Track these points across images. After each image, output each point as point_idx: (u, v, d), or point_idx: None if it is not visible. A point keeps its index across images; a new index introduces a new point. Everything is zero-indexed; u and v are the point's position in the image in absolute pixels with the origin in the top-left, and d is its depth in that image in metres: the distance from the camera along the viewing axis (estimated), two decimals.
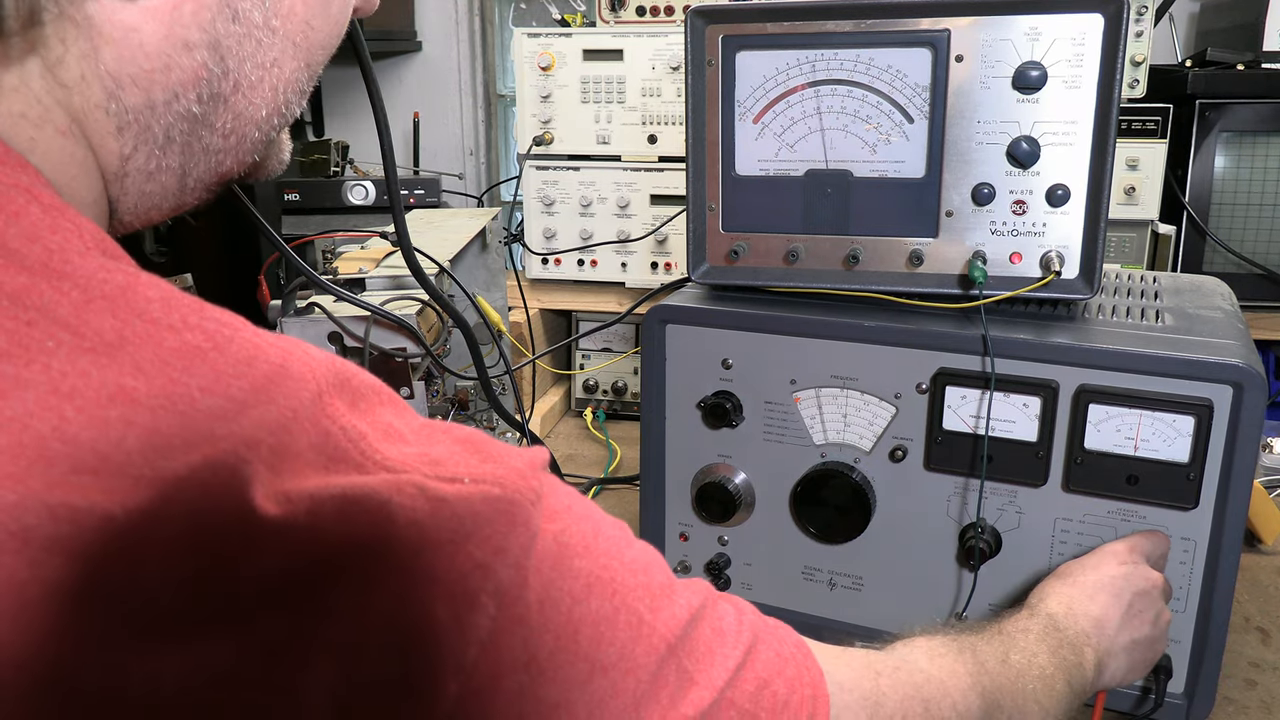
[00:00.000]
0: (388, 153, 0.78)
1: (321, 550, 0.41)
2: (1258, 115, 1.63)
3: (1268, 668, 1.06)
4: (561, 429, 1.83)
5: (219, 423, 0.39)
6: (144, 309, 0.41)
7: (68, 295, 0.40)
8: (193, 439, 0.38)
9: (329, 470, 0.42)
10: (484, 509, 0.45)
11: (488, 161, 2.50)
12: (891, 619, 1.06)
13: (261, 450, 0.39)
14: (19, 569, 0.35)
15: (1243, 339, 0.93)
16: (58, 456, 0.37)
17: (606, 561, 0.53)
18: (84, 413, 0.37)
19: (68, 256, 0.41)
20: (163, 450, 0.38)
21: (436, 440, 0.48)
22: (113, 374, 0.39)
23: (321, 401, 0.43)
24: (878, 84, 0.97)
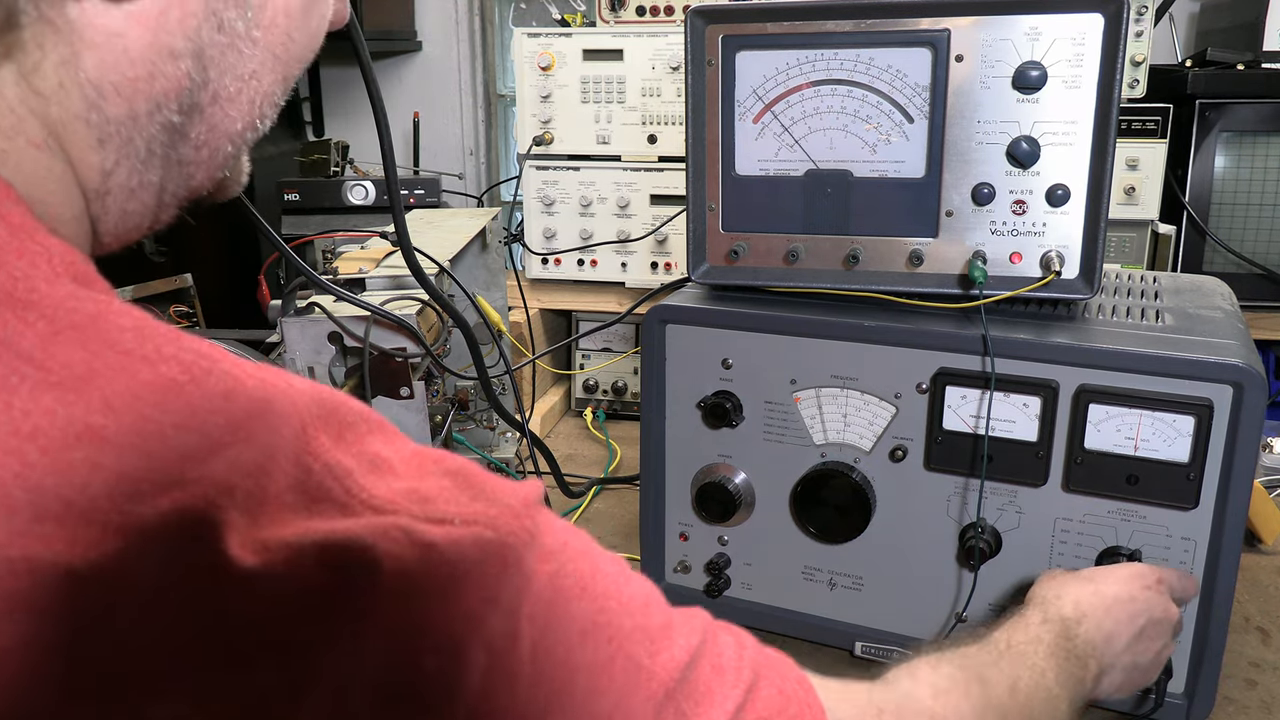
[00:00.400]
0: (388, 153, 0.78)
1: (302, 602, 0.39)
2: (1258, 115, 1.63)
3: (1268, 668, 1.06)
4: (561, 429, 1.83)
5: (191, 464, 0.37)
6: (116, 339, 0.39)
7: (33, 326, 0.38)
8: (163, 481, 0.36)
9: (311, 513, 0.40)
10: (475, 553, 0.42)
11: (488, 161, 2.50)
12: (891, 619, 1.06)
13: (237, 496, 0.37)
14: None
15: (1243, 339, 0.93)
16: (19, 505, 0.35)
17: (604, 604, 0.50)
18: (48, 455, 0.36)
19: (34, 284, 0.39)
20: (131, 494, 0.36)
21: (427, 472, 0.45)
22: (80, 411, 0.37)
23: (305, 436, 0.41)
24: (878, 84, 0.97)
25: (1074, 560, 0.96)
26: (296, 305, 0.90)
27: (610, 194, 1.80)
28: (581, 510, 1.45)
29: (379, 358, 0.87)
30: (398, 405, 0.88)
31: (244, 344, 0.97)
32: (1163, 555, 0.93)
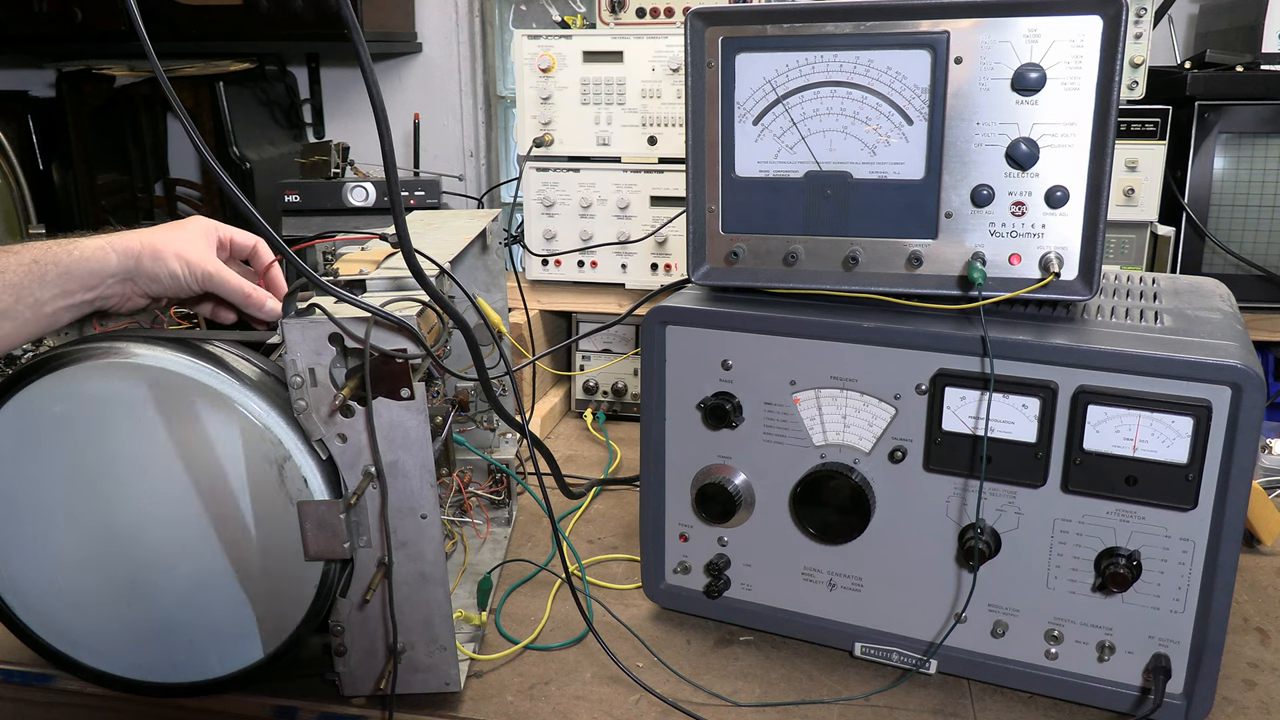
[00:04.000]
0: (388, 154, 0.78)
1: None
2: (1257, 117, 1.63)
3: (1266, 668, 1.06)
4: (561, 430, 1.83)
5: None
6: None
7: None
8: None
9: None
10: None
11: (488, 163, 2.50)
12: (891, 620, 1.06)
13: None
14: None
15: (1241, 340, 0.93)
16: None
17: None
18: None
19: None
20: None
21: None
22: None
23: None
24: (877, 86, 0.97)
25: (1073, 560, 0.96)
26: (297, 307, 0.91)
27: (610, 195, 1.81)
28: (581, 511, 1.45)
29: (379, 359, 0.87)
30: (398, 406, 0.88)
31: (244, 344, 0.97)
32: (1162, 556, 0.93)
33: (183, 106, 0.81)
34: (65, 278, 0.91)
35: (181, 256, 0.95)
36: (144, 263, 0.94)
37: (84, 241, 0.93)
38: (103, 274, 0.93)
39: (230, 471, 0.91)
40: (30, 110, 2.48)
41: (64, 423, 0.91)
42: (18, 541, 0.95)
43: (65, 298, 0.92)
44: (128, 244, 0.94)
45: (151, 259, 0.94)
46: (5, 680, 1.06)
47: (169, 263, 0.94)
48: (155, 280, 0.95)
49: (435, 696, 1.00)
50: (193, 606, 0.95)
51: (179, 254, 0.95)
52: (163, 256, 0.94)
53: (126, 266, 0.94)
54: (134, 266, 0.94)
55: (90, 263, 0.92)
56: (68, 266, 0.91)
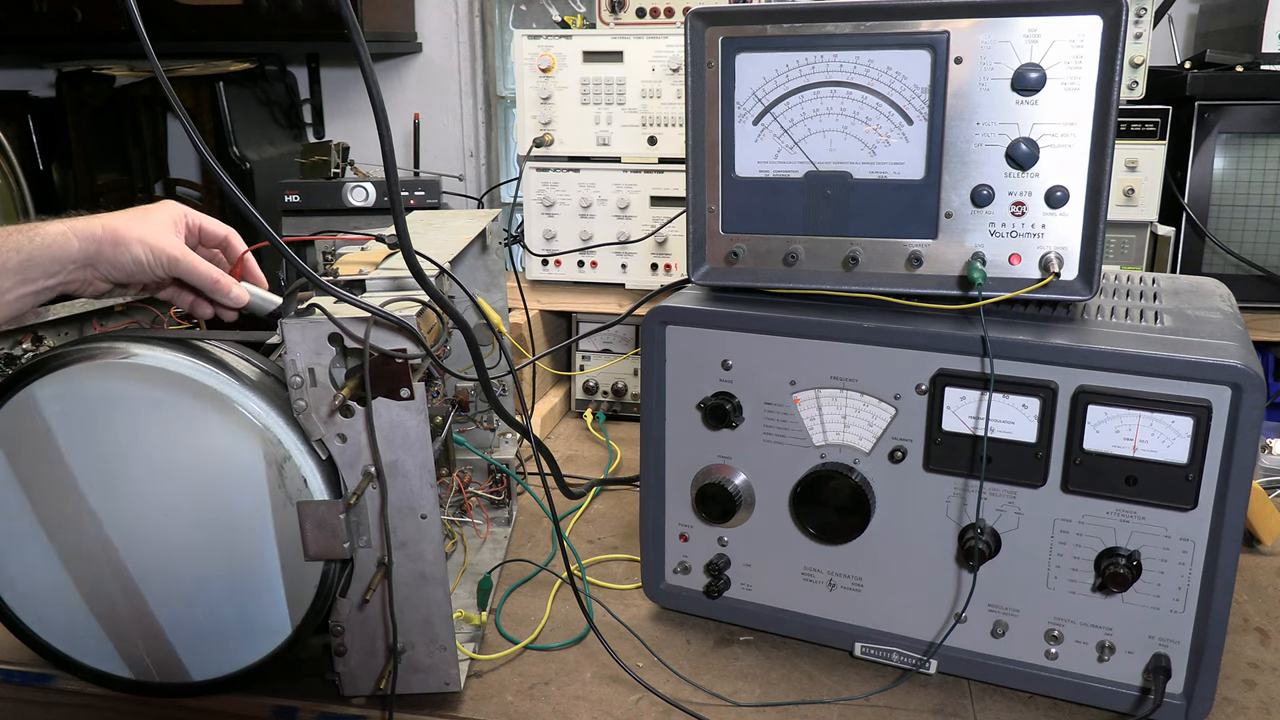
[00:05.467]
0: (388, 154, 0.78)
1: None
2: (1257, 117, 1.63)
3: (1266, 668, 1.06)
4: (562, 430, 1.83)
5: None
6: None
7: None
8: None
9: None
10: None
11: (488, 163, 2.50)
12: (891, 619, 1.06)
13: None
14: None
15: (1241, 340, 0.93)
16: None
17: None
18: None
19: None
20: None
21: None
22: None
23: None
24: (877, 86, 0.97)
25: (1073, 560, 0.96)
26: (297, 307, 0.91)
27: (610, 195, 1.81)
28: (582, 511, 1.45)
29: (379, 359, 0.87)
30: (398, 406, 0.88)
31: (244, 344, 0.97)
32: (1162, 556, 0.93)
33: (183, 106, 0.82)
34: (27, 265, 0.90)
35: (144, 242, 0.94)
36: (105, 249, 0.92)
37: (45, 227, 0.91)
38: (64, 260, 0.91)
39: (230, 471, 0.91)
40: (30, 110, 2.48)
41: (64, 423, 0.91)
42: (18, 542, 0.95)
43: (26, 284, 0.91)
44: (90, 229, 0.92)
45: (113, 245, 0.93)
46: (5, 680, 1.06)
47: (131, 248, 0.93)
48: (117, 266, 0.93)
49: (435, 696, 1.00)
50: (193, 606, 0.95)
51: (142, 239, 0.94)
52: (125, 242, 0.93)
53: (88, 252, 0.92)
54: (95, 252, 0.92)
55: (51, 249, 0.90)
56: (29, 254, 0.90)
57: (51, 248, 0.91)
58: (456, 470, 1.35)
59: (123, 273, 0.94)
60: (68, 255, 0.91)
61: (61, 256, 0.91)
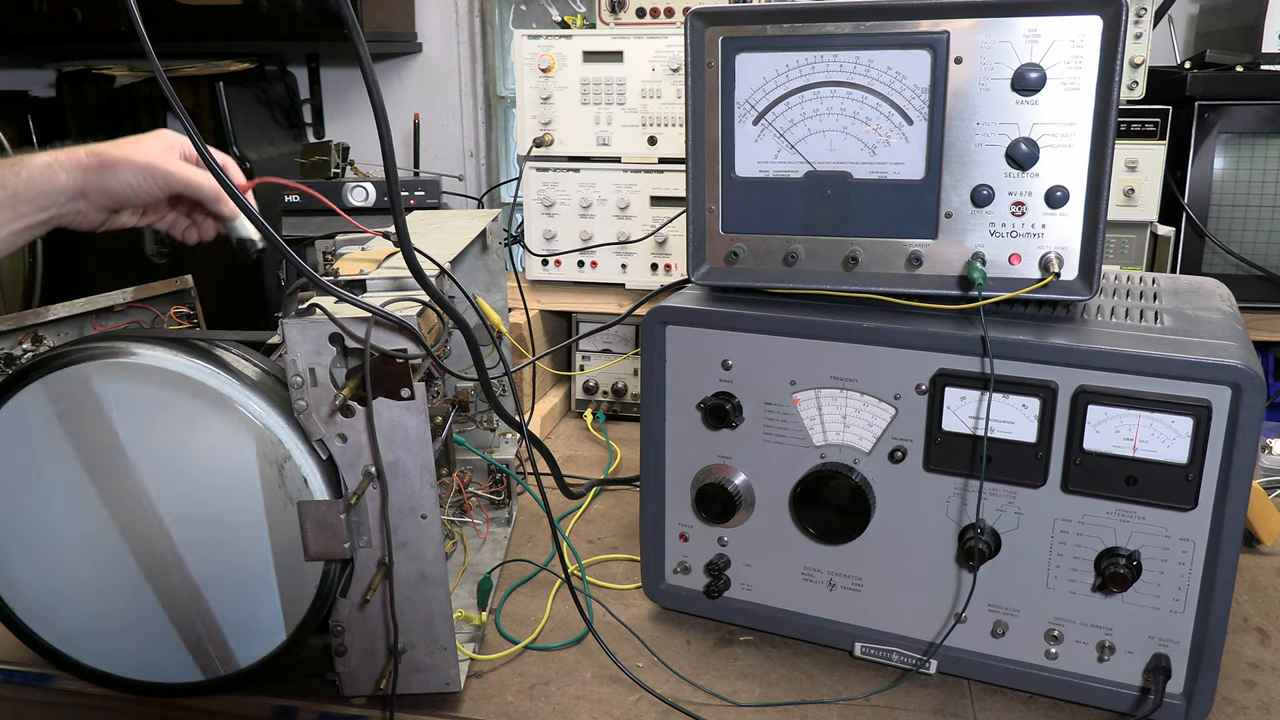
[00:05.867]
0: (388, 154, 0.78)
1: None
2: (1257, 117, 1.63)
3: (1266, 668, 1.06)
4: (562, 430, 1.83)
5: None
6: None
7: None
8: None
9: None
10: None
11: (488, 163, 2.50)
12: (891, 620, 1.06)
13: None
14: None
15: (1241, 340, 0.93)
16: None
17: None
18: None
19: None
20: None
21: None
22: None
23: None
24: (877, 86, 0.97)
25: (1073, 560, 0.96)
26: (297, 307, 0.91)
27: (610, 195, 1.81)
28: (581, 511, 1.45)
29: (379, 359, 0.87)
30: (398, 406, 0.88)
31: (244, 344, 0.97)
32: (1162, 556, 0.93)
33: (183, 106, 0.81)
34: (14, 200, 0.88)
35: (133, 163, 0.91)
36: (91, 177, 0.90)
37: (30, 160, 0.90)
38: (53, 194, 0.89)
39: (230, 471, 0.91)
40: (30, 110, 2.48)
41: (63, 423, 0.91)
42: (18, 541, 0.95)
43: (17, 220, 0.89)
44: (75, 158, 0.90)
45: (99, 171, 0.90)
46: (5, 680, 1.06)
47: (120, 172, 0.90)
48: (107, 192, 0.91)
49: (435, 696, 1.00)
50: (193, 606, 0.95)
51: (129, 160, 0.91)
52: (113, 166, 0.91)
53: (75, 183, 0.90)
54: (83, 181, 0.90)
55: (38, 183, 0.89)
56: (15, 189, 0.88)
57: (38, 181, 0.89)
58: (456, 470, 1.35)
59: (114, 199, 0.92)
60: (55, 188, 0.89)
61: (49, 190, 0.89)
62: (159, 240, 2.27)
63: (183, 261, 2.23)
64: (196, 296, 1.25)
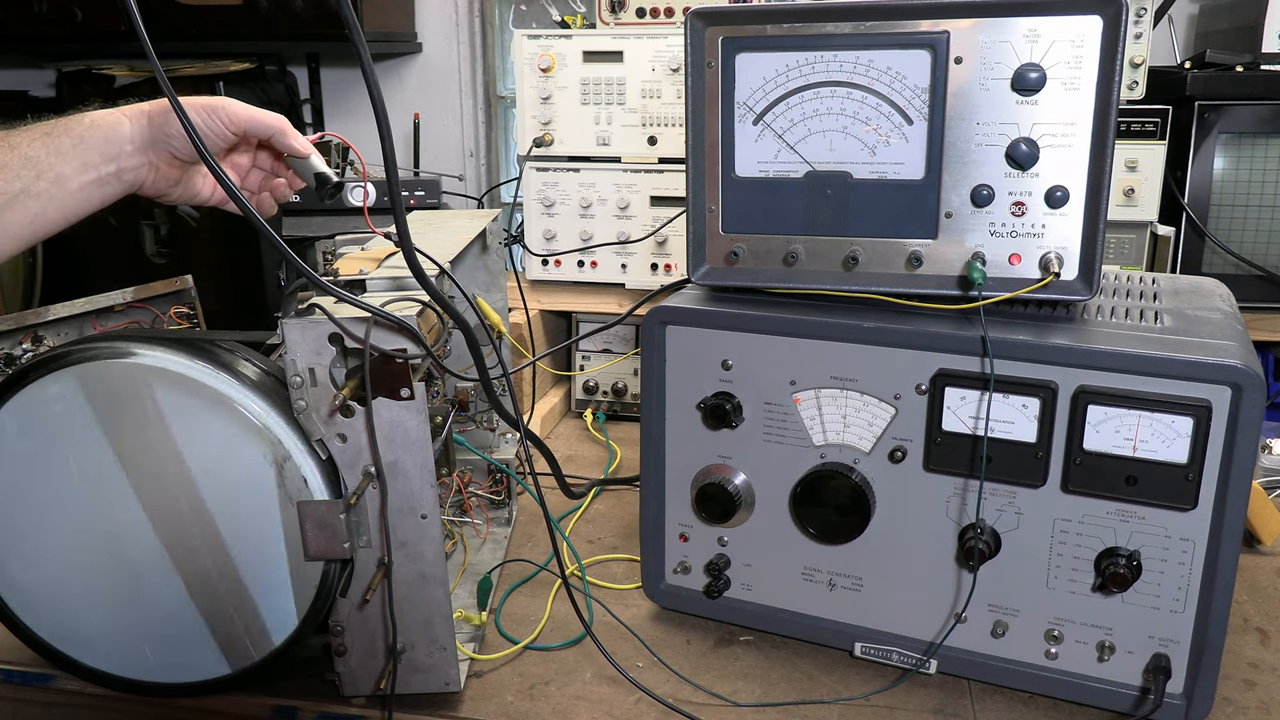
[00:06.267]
0: (388, 154, 0.78)
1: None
2: (1257, 117, 1.63)
3: (1266, 668, 1.06)
4: (561, 430, 1.83)
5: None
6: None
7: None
8: None
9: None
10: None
11: (488, 163, 2.50)
12: (891, 619, 1.06)
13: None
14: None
15: (1241, 340, 0.93)
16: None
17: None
18: None
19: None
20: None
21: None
22: None
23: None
24: (877, 86, 0.97)
25: (1073, 560, 0.96)
26: (297, 306, 0.91)
27: (610, 195, 1.81)
28: (581, 511, 1.45)
29: (379, 359, 0.87)
30: (398, 406, 0.88)
31: (244, 344, 0.97)
32: (1162, 556, 0.93)
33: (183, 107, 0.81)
34: (81, 147, 0.87)
35: (197, 105, 0.91)
36: (155, 120, 0.90)
37: (94, 113, 0.89)
38: (118, 140, 0.88)
39: (230, 471, 0.91)
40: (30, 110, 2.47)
41: (64, 423, 0.91)
42: (18, 541, 0.95)
43: (87, 170, 0.88)
44: (138, 107, 0.90)
45: (163, 115, 0.90)
46: (5, 680, 1.06)
47: (190, 114, 0.86)
48: (177, 137, 0.90)
49: (435, 696, 1.00)
50: (192, 606, 0.95)
51: (192, 102, 0.91)
52: (178, 109, 0.87)
53: (140, 129, 0.89)
54: (148, 127, 0.90)
55: (103, 128, 0.88)
56: (80, 135, 0.87)
57: (102, 127, 0.88)
58: (456, 470, 1.35)
59: (185, 142, 0.90)
60: (120, 134, 0.88)
61: (114, 136, 0.88)
62: (159, 240, 2.27)
63: (184, 261, 2.23)
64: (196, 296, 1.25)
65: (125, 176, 0.91)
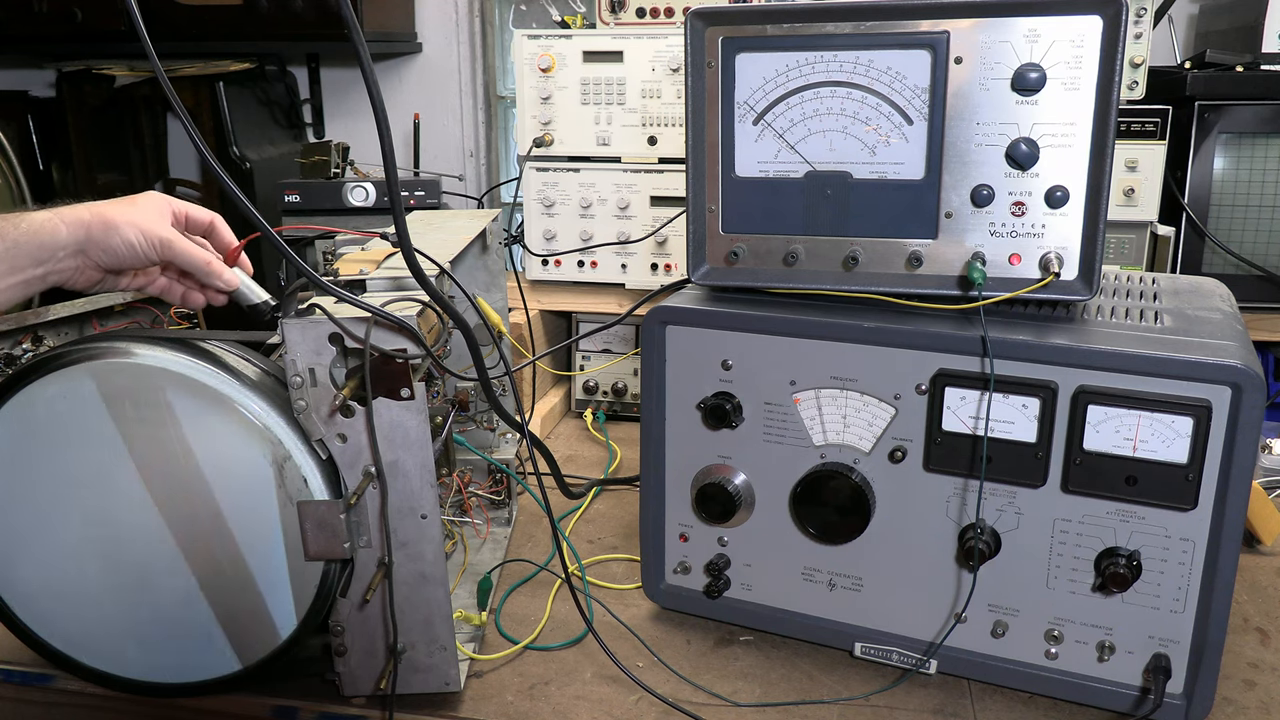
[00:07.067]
0: (388, 154, 0.78)
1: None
2: (1257, 117, 1.63)
3: (1266, 668, 1.06)
4: (562, 430, 1.83)
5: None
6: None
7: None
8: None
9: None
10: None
11: (488, 163, 2.50)
12: (891, 619, 1.06)
13: None
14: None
15: (1241, 340, 0.93)
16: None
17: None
18: None
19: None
20: None
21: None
22: None
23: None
24: (877, 86, 0.97)
25: (1073, 560, 0.96)
26: (297, 307, 0.91)
27: (610, 195, 1.80)
28: (581, 511, 1.45)
29: (379, 359, 0.87)
30: (398, 406, 0.88)
31: (244, 345, 0.97)
32: (1162, 556, 0.93)
33: (183, 106, 0.81)
34: (13, 252, 0.88)
35: (135, 225, 0.92)
36: (94, 233, 0.91)
37: (31, 215, 0.90)
38: (52, 247, 0.90)
39: (230, 471, 0.91)
40: (30, 110, 2.48)
41: (64, 423, 0.91)
42: (18, 541, 0.95)
43: (14, 274, 0.89)
44: (77, 215, 0.91)
45: (102, 229, 0.91)
46: (5, 680, 1.06)
47: (123, 231, 0.91)
48: (109, 251, 0.92)
49: (435, 696, 1.00)
50: (193, 606, 0.95)
51: (132, 222, 0.92)
52: (115, 226, 0.91)
53: (77, 238, 0.90)
54: (84, 238, 0.91)
55: (39, 235, 0.89)
56: (14, 240, 0.88)
57: (39, 234, 0.89)
58: (456, 470, 1.35)
59: (114, 258, 0.92)
60: (56, 242, 0.90)
61: (50, 243, 0.89)
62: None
63: None
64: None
65: (50, 278, 0.92)
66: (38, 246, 0.89)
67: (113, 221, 0.91)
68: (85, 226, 0.91)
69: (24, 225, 0.89)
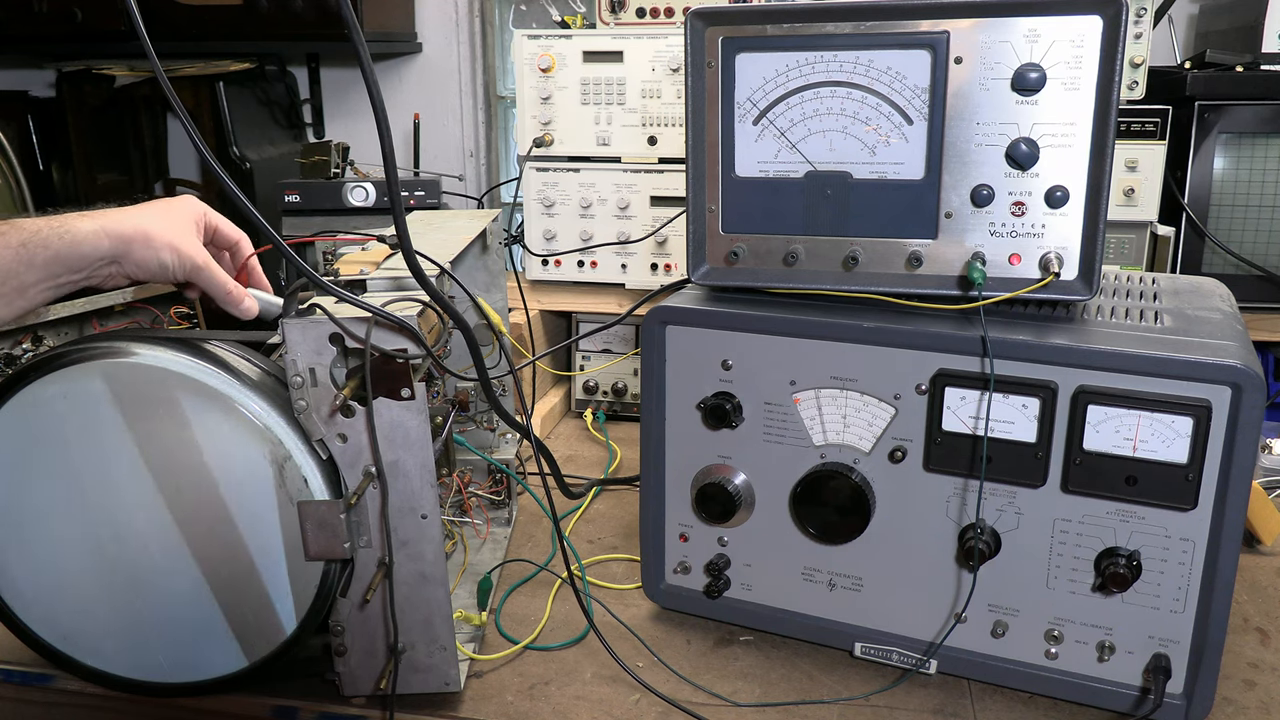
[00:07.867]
0: (388, 154, 0.78)
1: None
2: (1257, 117, 1.63)
3: (1266, 668, 1.06)
4: (562, 430, 1.83)
5: None
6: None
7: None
8: None
9: None
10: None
11: (488, 163, 2.50)
12: (891, 619, 1.06)
13: None
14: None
15: (1241, 340, 0.93)
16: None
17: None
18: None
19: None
20: None
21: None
22: None
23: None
24: (877, 86, 0.97)
25: (1073, 560, 0.96)
26: (298, 307, 0.91)
27: (610, 195, 1.81)
28: (582, 511, 1.45)
29: (380, 359, 0.87)
30: (398, 406, 0.88)
31: (244, 345, 0.97)
32: (1162, 556, 0.93)
33: (183, 106, 0.82)
34: (54, 262, 0.89)
35: (173, 247, 0.94)
36: (135, 249, 0.92)
37: (76, 224, 0.91)
38: (93, 258, 0.91)
39: (230, 471, 0.91)
40: (30, 110, 2.48)
41: (64, 423, 0.91)
42: (18, 541, 0.95)
43: (50, 280, 0.90)
44: (122, 229, 0.92)
45: (144, 246, 0.93)
46: (5, 680, 1.06)
47: (160, 253, 0.93)
48: (143, 267, 0.94)
49: (435, 696, 1.00)
50: (193, 606, 0.95)
51: (171, 244, 0.94)
52: (154, 245, 0.93)
53: (117, 251, 0.92)
54: (125, 251, 0.92)
55: (82, 247, 0.90)
56: (58, 251, 0.89)
57: (83, 245, 0.90)
58: (456, 470, 1.35)
59: (146, 273, 0.94)
60: (98, 254, 0.91)
61: (91, 254, 0.91)
62: None
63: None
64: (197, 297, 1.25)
65: (81, 283, 0.94)
66: (79, 258, 0.91)
67: (154, 239, 0.93)
68: (128, 241, 0.92)
69: (68, 237, 0.90)
